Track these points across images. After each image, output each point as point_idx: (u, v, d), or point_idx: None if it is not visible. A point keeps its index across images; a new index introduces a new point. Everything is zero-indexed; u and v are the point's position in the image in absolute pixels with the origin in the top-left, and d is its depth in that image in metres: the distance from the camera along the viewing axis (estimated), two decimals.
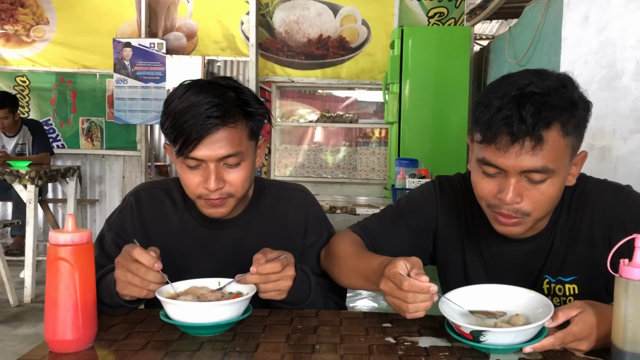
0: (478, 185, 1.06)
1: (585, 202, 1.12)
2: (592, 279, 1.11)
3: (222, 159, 1.12)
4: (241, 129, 1.14)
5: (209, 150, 1.10)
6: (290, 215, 1.31)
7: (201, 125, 1.08)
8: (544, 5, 3.53)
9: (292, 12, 5.72)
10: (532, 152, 0.96)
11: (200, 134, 1.09)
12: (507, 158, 0.98)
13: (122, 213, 1.29)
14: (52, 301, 0.88)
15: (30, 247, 3.67)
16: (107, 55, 5.47)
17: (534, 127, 0.94)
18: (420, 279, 0.91)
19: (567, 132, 0.98)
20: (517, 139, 0.96)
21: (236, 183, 1.15)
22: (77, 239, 0.89)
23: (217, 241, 1.26)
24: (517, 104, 0.96)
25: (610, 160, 2.46)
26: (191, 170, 1.14)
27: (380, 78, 5.57)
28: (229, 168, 1.14)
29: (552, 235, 1.14)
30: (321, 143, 6.67)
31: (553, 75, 1.01)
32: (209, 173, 1.12)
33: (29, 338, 2.99)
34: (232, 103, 1.12)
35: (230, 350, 0.90)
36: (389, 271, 0.95)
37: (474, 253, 1.20)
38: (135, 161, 5.71)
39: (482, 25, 7.01)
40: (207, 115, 1.08)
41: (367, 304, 3.64)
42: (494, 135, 0.98)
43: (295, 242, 1.29)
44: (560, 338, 0.87)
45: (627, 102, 2.35)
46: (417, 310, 0.92)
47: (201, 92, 1.11)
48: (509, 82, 1.01)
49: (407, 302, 0.91)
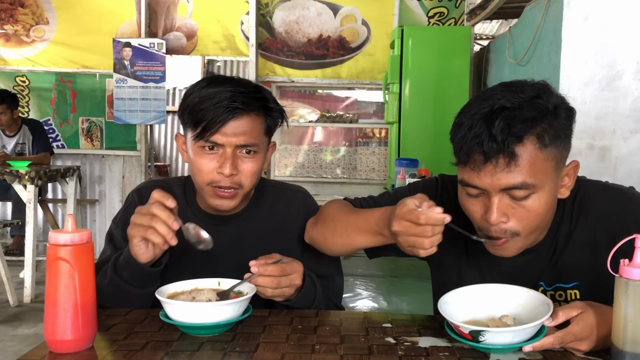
0: (464, 207, 1.04)
1: (587, 208, 1.08)
2: (595, 285, 1.07)
3: (240, 146, 1.16)
4: (261, 122, 1.19)
5: (231, 135, 1.14)
6: (290, 215, 1.32)
7: (226, 110, 1.12)
8: (544, 5, 3.53)
9: (292, 12, 5.72)
10: (507, 169, 0.93)
11: (225, 118, 1.13)
12: (483, 178, 0.95)
13: (127, 210, 1.30)
14: (51, 301, 0.88)
15: (30, 247, 3.67)
16: (107, 55, 5.47)
17: (504, 143, 0.92)
18: (435, 211, 0.90)
19: (544, 144, 0.95)
20: (489, 158, 0.93)
21: (248, 174, 1.18)
22: (77, 239, 0.89)
23: (217, 237, 1.27)
24: (486, 121, 0.93)
25: (610, 160, 2.46)
26: (206, 154, 1.16)
27: (380, 78, 5.57)
28: (244, 157, 1.17)
29: (553, 244, 1.10)
30: (321, 143, 6.67)
31: (528, 85, 0.98)
32: (225, 158, 1.15)
33: (28, 338, 3.00)
34: (254, 95, 1.18)
35: (230, 350, 0.90)
36: (401, 210, 0.93)
37: (470, 259, 1.17)
38: (135, 161, 5.71)
39: (482, 25, 7.01)
40: (232, 100, 1.13)
41: (367, 304, 3.64)
42: (467, 156, 0.96)
43: (294, 241, 1.30)
44: (560, 337, 0.87)
45: (627, 102, 2.35)
46: (432, 245, 0.91)
47: (225, 83, 1.17)
48: (482, 98, 0.98)
49: (426, 237, 0.90)
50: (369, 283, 4.28)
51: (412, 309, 3.65)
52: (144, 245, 1.06)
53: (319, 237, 1.21)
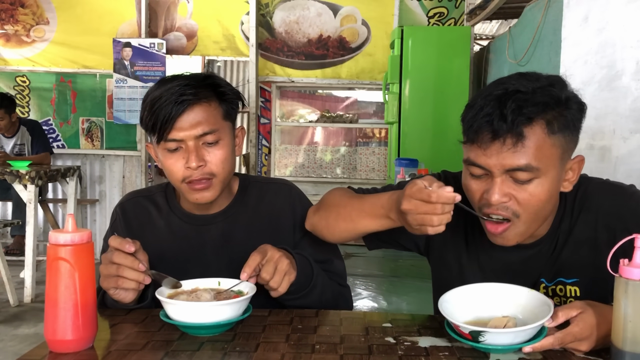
0: (466, 187, 1.05)
1: (588, 204, 1.09)
2: (595, 282, 1.08)
3: (199, 137, 1.15)
4: (215, 107, 1.18)
5: (186, 129, 1.14)
6: (277, 209, 1.31)
7: (175, 104, 1.12)
8: (544, 5, 3.54)
9: (292, 12, 5.72)
10: (514, 149, 0.95)
11: (176, 113, 1.13)
12: (489, 156, 0.97)
13: (113, 227, 1.32)
14: (52, 301, 0.88)
15: (30, 247, 3.67)
16: (107, 55, 5.47)
17: (514, 123, 0.94)
18: (446, 189, 0.90)
19: (552, 131, 0.96)
20: (498, 136, 0.95)
21: (216, 162, 1.18)
22: (77, 239, 0.89)
23: (204, 237, 1.28)
24: (499, 102, 0.95)
25: (610, 160, 2.46)
26: (172, 154, 1.17)
27: (380, 78, 5.57)
28: (209, 147, 1.17)
29: (554, 240, 1.11)
30: (321, 143, 6.67)
31: (544, 77, 1.01)
32: (189, 152, 1.15)
33: (29, 338, 3.00)
34: (202, 83, 1.17)
35: (230, 350, 0.91)
36: (412, 189, 0.93)
37: (471, 256, 1.18)
38: (135, 161, 5.72)
39: (482, 25, 7.01)
40: (180, 93, 1.13)
41: (367, 304, 3.64)
42: (476, 134, 0.97)
43: (284, 236, 1.29)
44: (560, 338, 0.87)
45: (627, 102, 2.35)
46: (441, 223, 0.91)
47: (174, 79, 1.18)
48: (497, 82, 1.01)
49: (436, 214, 0.90)
50: (369, 283, 4.28)
51: (412, 309, 3.65)
52: (123, 292, 1.07)
53: (321, 223, 1.19)
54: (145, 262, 1.06)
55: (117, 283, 1.04)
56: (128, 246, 1.04)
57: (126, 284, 1.05)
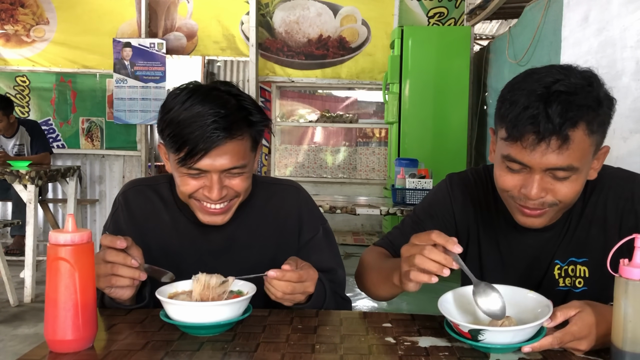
0: (501, 178, 1.07)
1: (600, 186, 1.14)
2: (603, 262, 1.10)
3: (226, 170, 1.12)
4: (246, 141, 1.14)
5: (215, 162, 1.10)
6: (283, 212, 1.30)
7: (208, 137, 1.07)
8: (544, 5, 3.54)
9: (292, 12, 5.72)
10: (559, 151, 0.97)
11: (208, 146, 1.07)
12: (533, 156, 0.99)
13: (114, 217, 1.29)
14: (52, 301, 0.88)
15: (30, 247, 3.67)
16: (107, 55, 5.47)
17: (561, 127, 0.95)
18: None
19: (592, 131, 0.99)
20: (544, 138, 0.96)
21: (238, 188, 1.16)
22: (77, 239, 0.89)
23: (210, 239, 1.26)
24: (543, 103, 0.96)
25: (610, 160, 2.45)
26: (192, 178, 1.14)
27: (380, 78, 5.57)
28: (232, 177, 1.15)
29: (568, 221, 1.15)
30: (321, 143, 6.67)
31: (578, 72, 1.01)
32: (212, 183, 1.12)
33: (29, 338, 3.00)
34: (237, 114, 1.11)
35: (230, 350, 0.90)
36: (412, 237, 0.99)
37: (490, 244, 1.22)
38: (136, 161, 5.72)
39: (482, 25, 7.01)
40: (214, 127, 1.07)
41: (367, 304, 3.64)
42: (520, 134, 0.98)
43: (289, 239, 1.28)
44: (558, 338, 0.87)
45: (627, 102, 2.35)
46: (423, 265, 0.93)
47: (205, 101, 1.09)
48: (535, 78, 1.00)
49: (421, 254, 0.93)
50: None
51: (412, 309, 3.66)
52: (119, 290, 1.05)
53: (364, 288, 1.28)
54: (138, 258, 1.04)
55: (112, 282, 1.03)
56: (119, 242, 1.01)
57: (120, 282, 1.03)
